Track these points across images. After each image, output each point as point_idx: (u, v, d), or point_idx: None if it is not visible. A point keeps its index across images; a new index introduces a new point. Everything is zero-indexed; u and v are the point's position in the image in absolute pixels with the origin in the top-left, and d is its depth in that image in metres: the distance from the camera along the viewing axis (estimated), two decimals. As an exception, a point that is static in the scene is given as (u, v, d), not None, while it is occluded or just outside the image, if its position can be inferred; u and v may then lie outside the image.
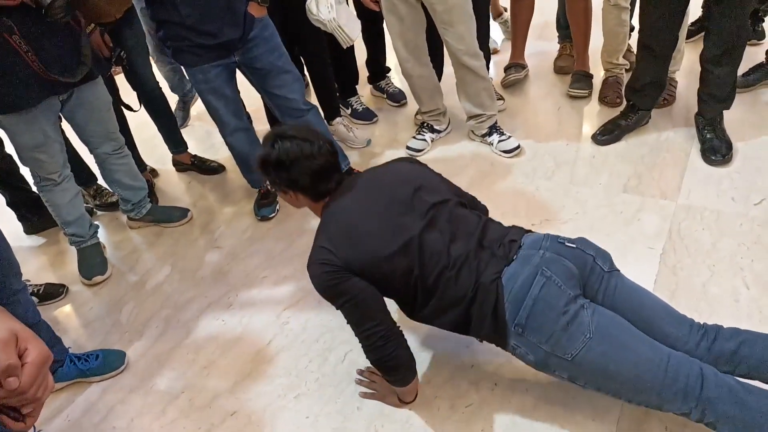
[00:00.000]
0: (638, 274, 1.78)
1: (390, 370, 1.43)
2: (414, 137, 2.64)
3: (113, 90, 2.33)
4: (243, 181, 2.46)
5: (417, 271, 1.34)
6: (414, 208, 1.39)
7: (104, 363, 1.79)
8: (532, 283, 1.28)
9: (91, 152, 2.21)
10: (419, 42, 2.43)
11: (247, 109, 2.99)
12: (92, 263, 2.22)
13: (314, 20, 2.25)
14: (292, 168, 1.38)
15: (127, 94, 2.45)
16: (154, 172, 2.79)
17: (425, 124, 2.66)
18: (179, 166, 2.78)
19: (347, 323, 1.40)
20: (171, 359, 1.83)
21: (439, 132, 2.67)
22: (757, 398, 1.17)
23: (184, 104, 3.13)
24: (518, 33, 2.94)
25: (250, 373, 1.74)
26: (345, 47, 2.40)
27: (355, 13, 2.51)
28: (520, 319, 1.28)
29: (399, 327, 1.40)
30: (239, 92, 2.24)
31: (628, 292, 1.37)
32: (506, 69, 3.00)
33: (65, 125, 2.14)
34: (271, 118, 2.66)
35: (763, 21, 2.99)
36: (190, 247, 2.31)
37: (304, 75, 2.74)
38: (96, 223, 2.32)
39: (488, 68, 2.57)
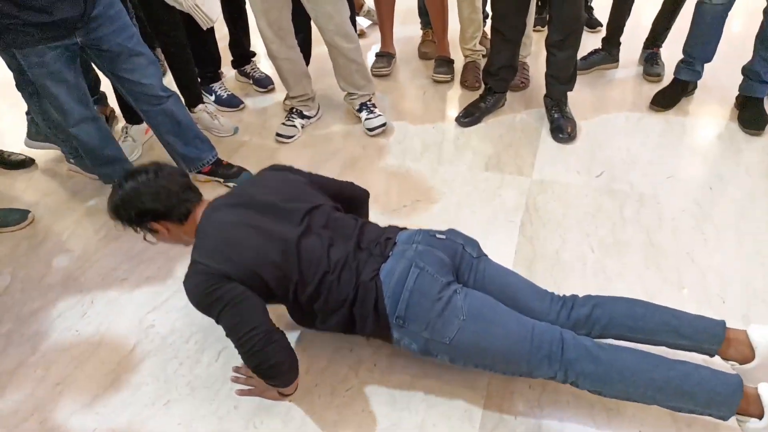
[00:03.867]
0: (501, 246, 1.92)
1: (271, 377, 1.39)
2: (283, 123, 2.58)
3: None
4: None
5: (296, 277, 1.37)
6: (288, 217, 1.42)
7: (-73, 394, 1.54)
8: (407, 275, 1.35)
9: None
10: (284, 23, 2.34)
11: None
12: None
13: None
14: (137, 201, 1.40)
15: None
16: None
17: (294, 110, 2.60)
18: None
19: (226, 335, 1.34)
20: (16, 380, 1.62)
21: (309, 118, 2.63)
22: (606, 353, 1.31)
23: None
24: (384, 21, 2.98)
25: (111, 385, 1.59)
26: (205, 28, 2.26)
27: None
28: (400, 311, 1.34)
29: (279, 330, 1.36)
30: (84, 77, 2.01)
31: (495, 274, 1.48)
32: (377, 56, 3.03)
33: None
34: (124, 108, 2.45)
35: (593, 10, 3.32)
36: (33, 252, 2.06)
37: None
38: None
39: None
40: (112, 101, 2.59)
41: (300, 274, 1.37)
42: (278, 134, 2.55)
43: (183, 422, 1.48)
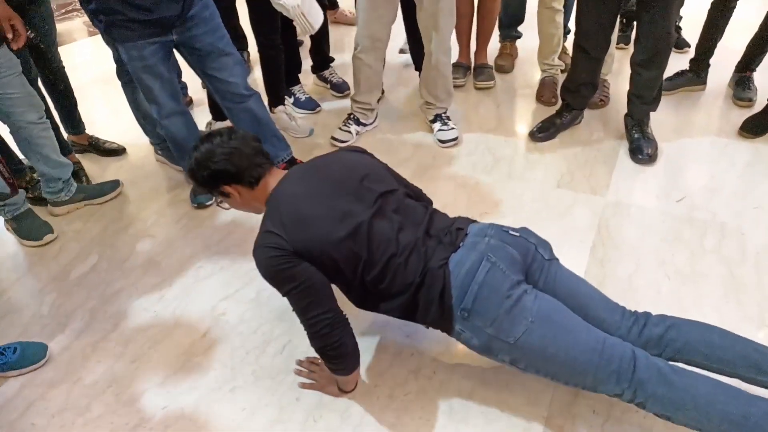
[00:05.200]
0: (569, 266, 1.84)
1: (334, 358, 1.41)
2: (340, 128, 2.64)
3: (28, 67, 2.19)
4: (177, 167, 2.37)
5: (365, 257, 1.35)
6: (362, 197, 1.40)
7: (23, 356, 1.67)
8: (477, 268, 1.31)
9: (14, 126, 2.05)
10: (383, 35, 2.43)
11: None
12: (36, 225, 2.15)
13: (277, 5, 2.19)
14: (211, 163, 1.41)
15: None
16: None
17: (352, 116, 2.66)
18: (76, 146, 2.65)
19: (293, 310, 1.37)
20: (97, 353, 1.74)
21: (364, 125, 2.68)
22: (681, 378, 1.24)
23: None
24: (462, 32, 3.00)
25: (182, 366, 1.67)
26: (305, 35, 2.36)
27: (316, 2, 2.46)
28: (466, 304, 1.30)
29: (345, 315, 1.39)
30: (176, 74, 2.15)
31: (566, 279, 1.43)
32: (453, 66, 3.04)
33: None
34: (213, 104, 2.58)
35: (681, 30, 3.20)
36: (119, 236, 2.20)
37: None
38: (21, 189, 2.20)
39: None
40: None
41: (369, 254, 1.35)
42: (333, 137, 2.62)
43: (247, 408, 1.54)
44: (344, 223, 1.35)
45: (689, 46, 3.10)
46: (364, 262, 1.35)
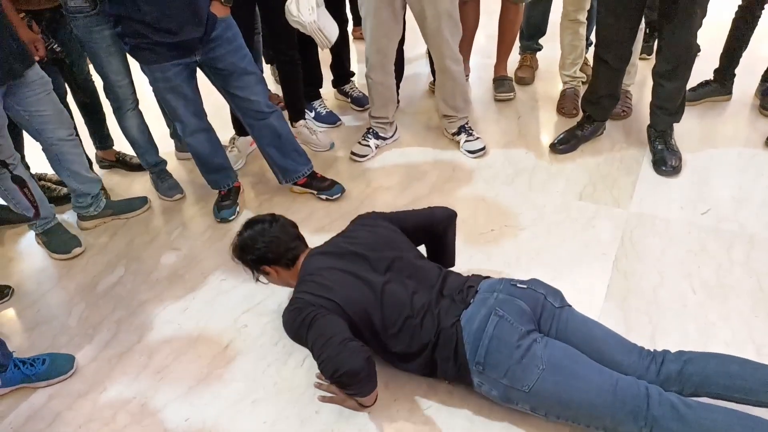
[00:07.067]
0: (592, 279, 1.85)
1: (346, 384, 1.42)
2: (359, 143, 2.66)
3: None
4: (202, 181, 2.41)
5: (378, 320, 1.46)
6: (375, 266, 1.54)
7: (51, 367, 1.71)
8: (486, 322, 1.40)
9: (47, 143, 2.11)
10: (390, 51, 2.46)
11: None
12: (65, 238, 2.22)
13: (293, 21, 2.23)
14: (253, 248, 1.61)
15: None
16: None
17: (371, 130, 2.68)
18: (103, 162, 2.73)
19: (313, 356, 1.42)
20: (122, 364, 1.77)
21: (384, 139, 2.69)
22: (694, 412, 1.24)
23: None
24: (502, 46, 3.01)
25: (205, 378, 1.69)
26: (322, 50, 2.40)
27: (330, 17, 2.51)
28: (479, 357, 1.38)
29: (358, 340, 1.40)
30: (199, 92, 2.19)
31: (579, 325, 1.46)
32: (496, 81, 3.06)
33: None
34: (235, 120, 2.62)
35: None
36: (144, 249, 2.25)
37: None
38: (51, 204, 2.27)
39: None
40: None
41: (382, 318, 1.46)
42: (353, 152, 2.63)
43: (267, 421, 1.55)
44: (359, 288, 1.49)
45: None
46: (377, 326, 1.46)
